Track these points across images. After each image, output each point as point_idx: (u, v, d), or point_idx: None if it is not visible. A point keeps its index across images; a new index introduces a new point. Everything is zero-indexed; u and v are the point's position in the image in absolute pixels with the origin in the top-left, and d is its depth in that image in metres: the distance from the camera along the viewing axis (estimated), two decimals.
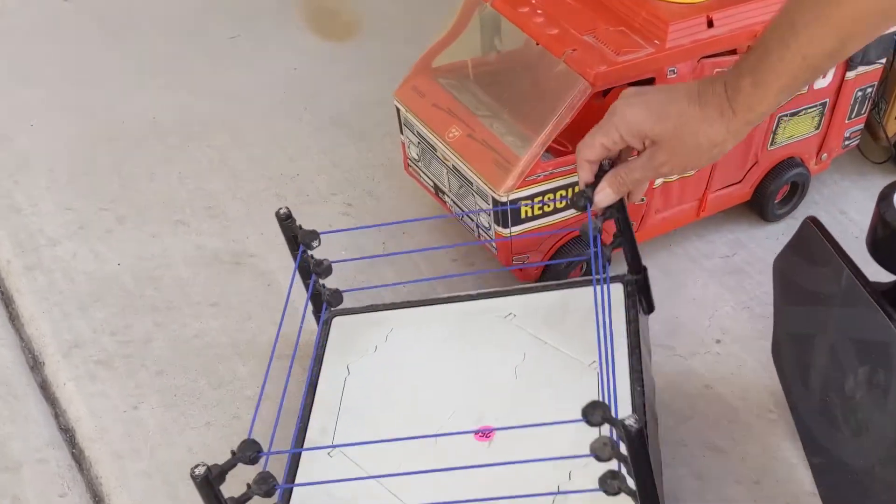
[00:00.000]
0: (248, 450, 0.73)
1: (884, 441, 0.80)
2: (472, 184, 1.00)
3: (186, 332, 1.06)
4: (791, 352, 0.95)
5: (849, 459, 0.86)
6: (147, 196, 1.23)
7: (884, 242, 0.82)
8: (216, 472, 0.72)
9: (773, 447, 0.95)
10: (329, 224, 1.18)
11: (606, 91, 0.98)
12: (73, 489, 0.92)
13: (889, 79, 1.17)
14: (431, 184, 1.10)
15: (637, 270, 0.92)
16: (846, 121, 1.16)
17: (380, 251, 1.15)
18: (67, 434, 0.96)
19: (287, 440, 0.89)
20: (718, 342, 1.04)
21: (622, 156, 0.86)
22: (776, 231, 1.19)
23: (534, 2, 1.03)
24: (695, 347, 1.04)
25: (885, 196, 0.81)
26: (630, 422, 0.64)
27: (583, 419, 0.66)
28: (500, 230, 1.00)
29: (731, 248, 1.17)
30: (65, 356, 1.03)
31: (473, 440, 0.82)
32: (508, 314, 0.93)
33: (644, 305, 0.93)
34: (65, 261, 1.14)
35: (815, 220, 0.91)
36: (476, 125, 1.02)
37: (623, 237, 0.89)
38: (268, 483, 0.74)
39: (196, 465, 0.71)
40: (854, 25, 0.70)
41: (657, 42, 0.96)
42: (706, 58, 0.98)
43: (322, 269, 0.93)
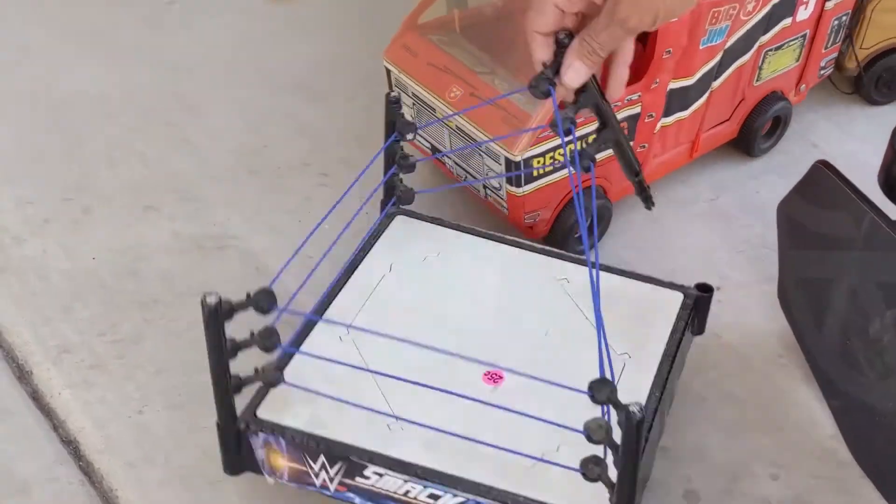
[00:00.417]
0: (263, 298, 0.70)
1: None
2: (480, 144, 0.98)
3: (178, 326, 1.01)
4: (802, 296, 0.96)
5: (875, 402, 0.87)
6: (110, 182, 1.17)
7: None
8: (226, 308, 0.69)
9: (790, 392, 0.96)
10: (306, 197, 1.14)
11: None
12: None
13: (861, 6, 1.19)
14: (428, 145, 1.07)
15: (635, 173, 0.81)
16: (823, 50, 1.18)
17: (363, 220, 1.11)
18: (71, 446, 0.92)
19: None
20: (719, 289, 1.04)
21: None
22: (756, 170, 1.20)
23: None
24: None
25: None
26: (634, 409, 0.63)
27: (588, 392, 0.64)
28: (514, 190, 0.98)
29: (715, 192, 1.17)
30: (54, 363, 0.97)
31: (480, 381, 0.82)
32: (563, 278, 0.92)
33: (695, 325, 0.91)
34: (35, 259, 1.07)
35: (827, 164, 0.91)
36: (477, 83, 0.99)
37: (607, 135, 0.75)
38: (271, 339, 0.71)
39: (208, 294, 0.69)
40: None
41: None
42: None
43: (407, 164, 0.92)
